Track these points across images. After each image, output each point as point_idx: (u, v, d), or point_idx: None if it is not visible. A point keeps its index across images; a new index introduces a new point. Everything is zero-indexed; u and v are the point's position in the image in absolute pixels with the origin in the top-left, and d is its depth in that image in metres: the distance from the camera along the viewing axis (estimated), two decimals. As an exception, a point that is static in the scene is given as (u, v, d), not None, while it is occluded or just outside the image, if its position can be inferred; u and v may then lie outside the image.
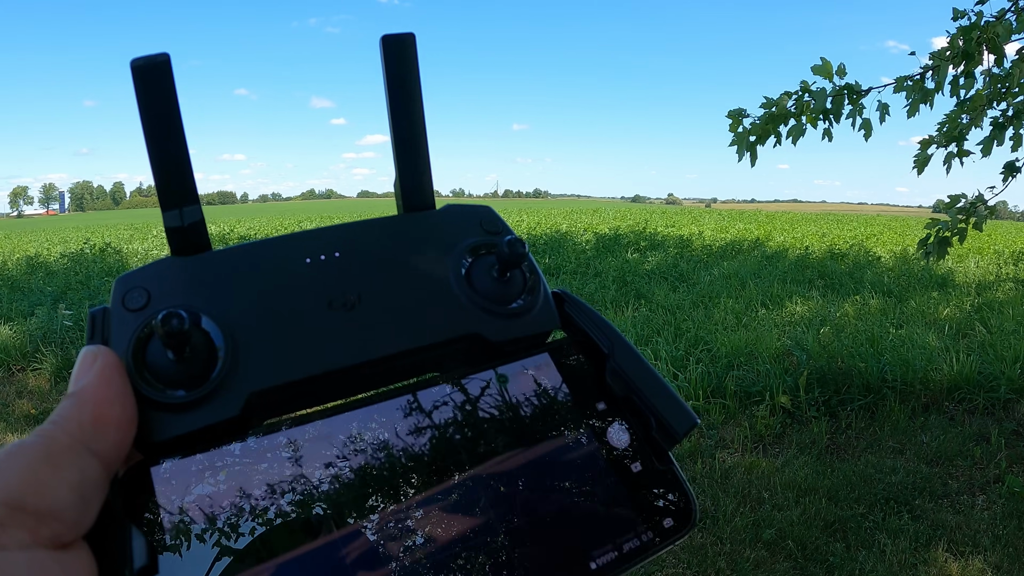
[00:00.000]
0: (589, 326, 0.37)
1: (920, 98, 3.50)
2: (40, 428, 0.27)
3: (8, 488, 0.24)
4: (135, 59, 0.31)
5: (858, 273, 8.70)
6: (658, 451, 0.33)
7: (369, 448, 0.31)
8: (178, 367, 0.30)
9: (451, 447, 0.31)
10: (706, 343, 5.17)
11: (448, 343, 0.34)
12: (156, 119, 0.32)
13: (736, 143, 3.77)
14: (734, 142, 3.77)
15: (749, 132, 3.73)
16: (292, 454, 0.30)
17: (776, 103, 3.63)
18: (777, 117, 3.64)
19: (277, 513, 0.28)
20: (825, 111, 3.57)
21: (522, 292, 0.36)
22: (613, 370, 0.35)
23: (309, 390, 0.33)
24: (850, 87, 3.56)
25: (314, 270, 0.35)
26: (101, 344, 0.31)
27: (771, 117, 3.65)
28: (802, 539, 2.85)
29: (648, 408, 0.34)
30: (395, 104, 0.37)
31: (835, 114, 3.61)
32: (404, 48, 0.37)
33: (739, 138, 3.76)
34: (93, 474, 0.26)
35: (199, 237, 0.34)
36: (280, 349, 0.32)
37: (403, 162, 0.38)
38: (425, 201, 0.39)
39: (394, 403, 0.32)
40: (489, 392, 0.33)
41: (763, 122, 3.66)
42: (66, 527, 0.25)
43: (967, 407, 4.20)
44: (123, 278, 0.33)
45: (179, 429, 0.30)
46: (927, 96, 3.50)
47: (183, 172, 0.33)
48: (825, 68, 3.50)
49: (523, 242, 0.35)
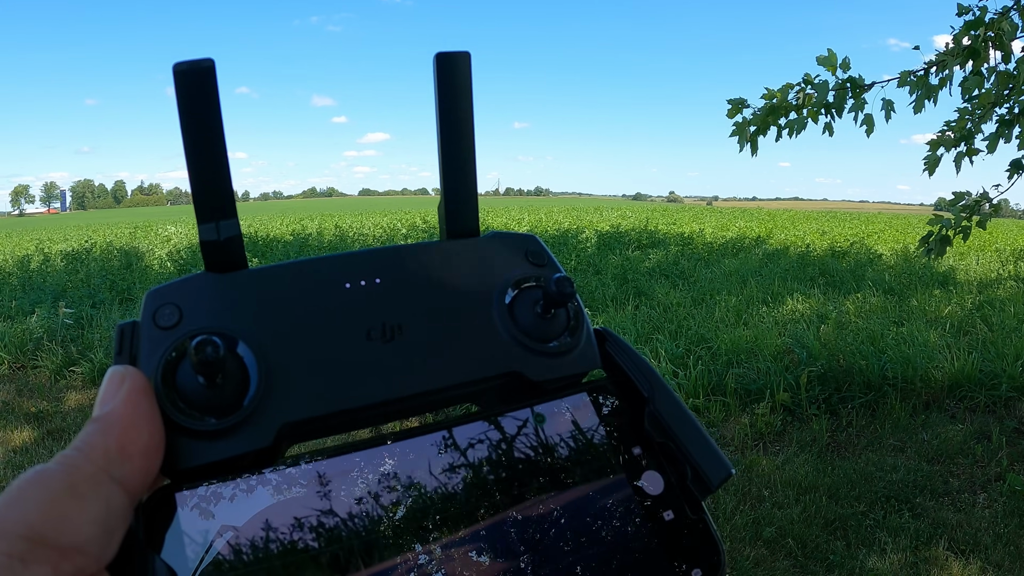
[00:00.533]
0: (630, 367, 0.36)
1: (924, 94, 3.48)
2: (63, 455, 0.25)
3: (28, 521, 0.23)
4: (179, 63, 0.30)
5: (859, 271, 8.68)
6: (691, 500, 0.32)
7: (401, 485, 0.30)
8: (209, 393, 0.29)
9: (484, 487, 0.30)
10: (707, 341, 5.16)
11: (488, 380, 0.34)
12: (197, 127, 0.31)
13: (736, 133, 3.75)
14: (734, 132, 3.75)
15: (749, 123, 3.71)
16: (322, 488, 0.29)
17: (777, 94, 3.61)
18: (777, 109, 3.62)
19: (304, 547, 0.27)
20: (827, 105, 3.55)
21: (565, 330, 0.35)
22: (652, 415, 0.34)
23: (342, 421, 0.32)
24: (853, 81, 3.54)
25: (354, 296, 0.33)
26: (129, 362, 0.30)
27: (771, 109, 3.63)
28: (802, 537, 2.85)
29: (685, 456, 0.33)
30: (445, 125, 0.36)
31: (837, 108, 3.59)
32: (458, 67, 0.35)
33: (739, 128, 3.74)
34: (117, 504, 0.25)
35: (235, 253, 0.33)
36: (315, 380, 0.31)
37: (450, 185, 0.37)
38: (470, 227, 0.37)
39: (429, 439, 0.31)
40: (525, 431, 0.33)
41: (764, 113, 3.64)
42: (89, 561, 0.24)
43: (968, 405, 4.19)
44: (154, 292, 0.32)
45: (207, 457, 0.29)
46: (931, 92, 3.48)
47: (222, 184, 0.32)
48: (830, 59, 3.48)
49: (571, 281, 0.34)
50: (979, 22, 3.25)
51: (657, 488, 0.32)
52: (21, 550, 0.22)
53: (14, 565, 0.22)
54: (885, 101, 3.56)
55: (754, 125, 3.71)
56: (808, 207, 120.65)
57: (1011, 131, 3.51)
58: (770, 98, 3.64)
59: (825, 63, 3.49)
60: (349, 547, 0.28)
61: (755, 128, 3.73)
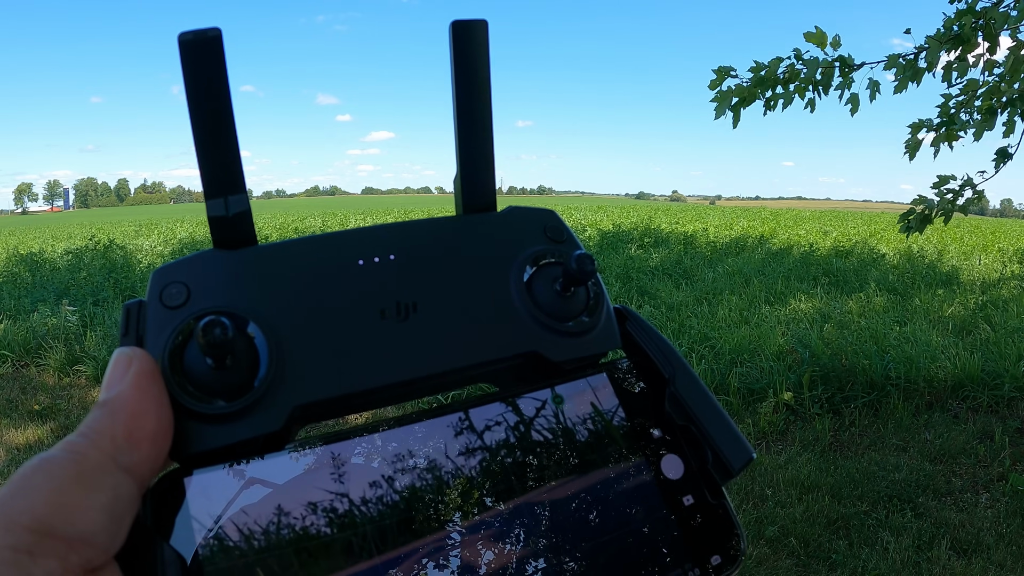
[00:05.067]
0: (651, 348, 0.35)
1: (911, 75, 3.45)
2: (69, 441, 0.24)
3: (35, 512, 0.22)
4: (184, 33, 0.29)
5: (863, 270, 8.67)
6: (712, 485, 0.32)
7: (417, 468, 0.29)
8: (218, 375, 0.28)
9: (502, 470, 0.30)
10: (709, 340, 5.16)
11: (506, 360, 0.33)
12: (204, 99, 0.29)
13: (717, 100, 3.68)
14: (715, 99, 3.69)
15: (733, 93, 3.65)
16: (335, 471, 0.28)
17: (767, 68, 3.58)
18: (764, 81, 3.58)
19: (316, 532, 0.26)
20: (814, 82, 3.52)
21: (585, 309, 0.34)
22: (673, 397, 0.33)
23: (355, 403, 0.31)
24: (843, 59, 3.51)
25: (367, 273, 0.32)
26: (135, 344, 0.29)
27: (759, 80, 3.59)
28: (805, 536, 2.85)
29: (706, 440, 0.32)
30: (462, 97, 0.34)
31: (824, 85, 3.56)
32: (475, 36, 0.34)
33: (721, 96, 3.67)
34: (126, 492, 0.24)
35: (244, 229, 0.32)
36: (328, 360, 0.30)
37: (467, 158, 0.35)
38: (487, 201, 0.36)
39: (445, 420, 0.30)
40: (544, 413, 0.32)
41: (752, 84, 3.61)
42: (97, 552, 0.23)
43: (971, 405, 4.18)
44: (161, 271, 0.31)
45: (217, 441, 0.28)
46: (917, 75, 3.45)
47: (230, 158, 0.31)
48: (818, 36, 3.44)
49: (592, 258, 0.33)
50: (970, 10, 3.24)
51: (677, 472, 0.32)
52: (28, 543, 0.21)
53: (21, 560, 0.21)
54: (871, 81, 3.53)
55: (738, 96, 3.65)
56: (811, 206, 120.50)
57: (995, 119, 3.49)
58: (759, 70, 3.59)
59: (813, 40, 3.45)
60: (362, 532, 0.27)
61: (738, 99, 3.66)
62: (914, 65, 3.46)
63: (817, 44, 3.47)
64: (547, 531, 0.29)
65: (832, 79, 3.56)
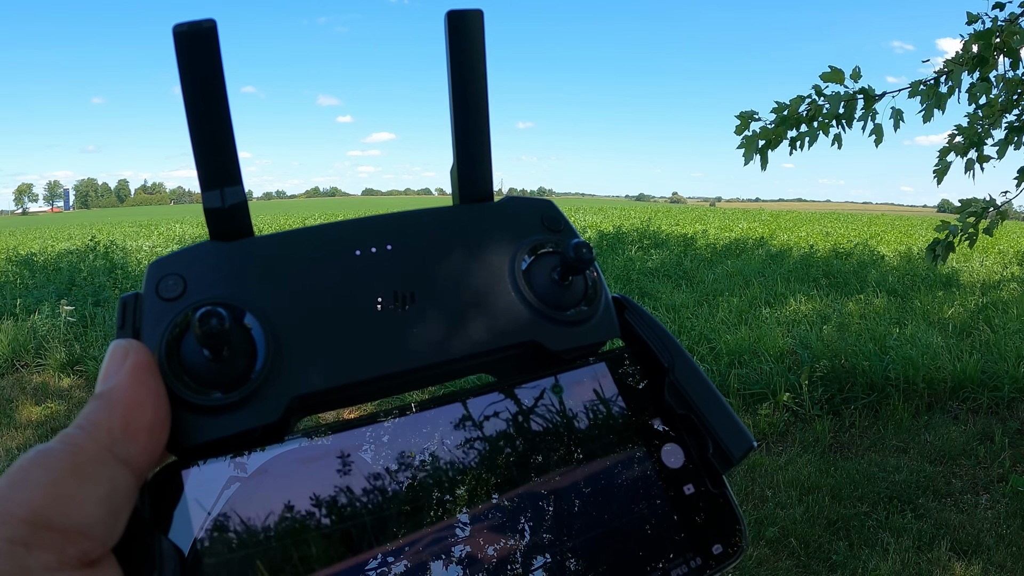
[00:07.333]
0: (650, 337, 0.35)
1: (935, 103, 3.45)
2: (65, 433, 0.24)
3: (32, 504, 0.22)
4: (179, 24, 0.29)
5: (862, 272, 8.67)
6: (712, 474, 0.32)
7: (417, 459, 0.29)
8: (215, 366, 0.28)
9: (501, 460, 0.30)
10: (709, 341, 5.16)
11: (505, 350, 0.32)
12: (199, 91, 0.29)
13: (744, 147, 3.72)
14: (742, 145, 3.73)
15: (759, 136, 3.69)
16: (334, 462, 0.28)
17: (788, 107, 3.59)
18: (787, 120, 3.60)
19: (316, 524, 0.26)
20: (837, 116, 3.53)
21: (583, 298, 0.34)
22: (672, 386, 0.33)
23: (353, 393, 0.31)
24: (865, 92, 3.52)
25: (364, 263, 0.32)
26: (132, 336, 0.28)
27: (782, 120, 3.60)
28: (805, 537, 2.84)
29: (706, 429, 0.32)
30: (457, 86, 0.34)
31: (847, 119, 3.57)
32: (471, 25, 0.34)
33: (748, 142, 3.71)
34: (123, 484, 0.24)
35: (241, 221, 0.32)
36: (325, 351, 0.30)
37: (463, 148, 0.35)
38: (484, 191, 0.36)
39: (445, 411, 0.30)
40: (543, 403, 0.32)
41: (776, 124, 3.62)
42: (94, 544, 0.23)
43: (971, 406, 4.18)
44: (158, 263, 0.31)
45: (214, 433, 0.28)
46: (940, 101, 3.46)
47: (226, 149, 0.30)
48: (835, 75, 3.45)
49: (590, 247, 0.32)
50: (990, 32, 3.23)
51: (678, 461, 0.32)
52: (24, 535, 0.21)
53: (17, 552, 0.21)
54: (894, 110, 3.53)
55: (764, 138, 3.68)
56: (811, 208, 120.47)
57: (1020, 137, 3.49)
58: (781, 111, 3.62)
59: (831, 79, 3.46)
60: (361, 523, 0.27)
61: (765, 141, 3.70)
62: (936, 91, 3.45)
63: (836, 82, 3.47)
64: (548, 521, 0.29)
65: (855, 111, 3.56)
